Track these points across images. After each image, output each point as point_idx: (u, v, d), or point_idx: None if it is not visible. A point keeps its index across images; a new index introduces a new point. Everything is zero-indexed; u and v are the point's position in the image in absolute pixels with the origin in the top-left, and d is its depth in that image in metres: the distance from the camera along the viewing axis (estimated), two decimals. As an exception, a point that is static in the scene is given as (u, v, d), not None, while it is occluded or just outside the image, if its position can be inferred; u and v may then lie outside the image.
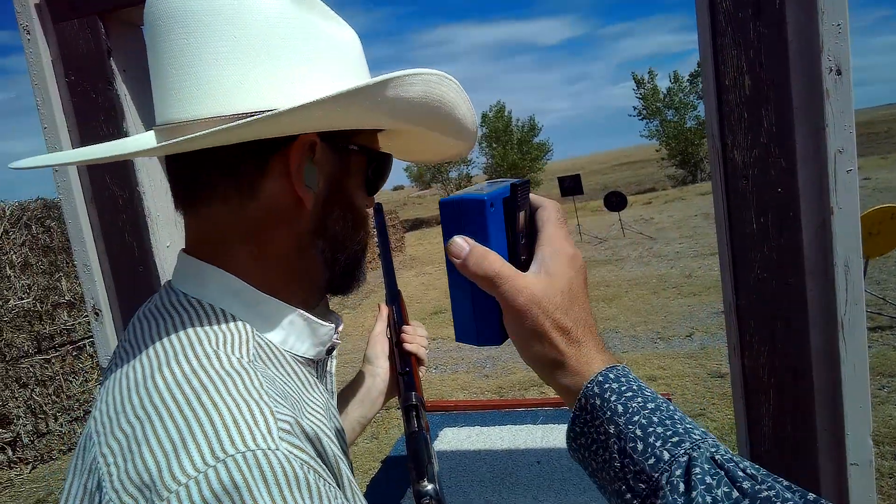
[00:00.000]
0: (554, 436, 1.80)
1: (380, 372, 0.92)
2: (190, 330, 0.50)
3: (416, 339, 0.90)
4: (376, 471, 1.74)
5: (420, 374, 0.89)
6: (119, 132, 1.06)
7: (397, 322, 0.93)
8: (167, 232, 1.13)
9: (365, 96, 0.48)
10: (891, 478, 2.72)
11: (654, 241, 9.84)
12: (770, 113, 0.81)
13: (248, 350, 0.50)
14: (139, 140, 0.63)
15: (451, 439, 1.87)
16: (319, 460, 0.45)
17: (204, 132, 0.46)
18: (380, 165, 0.62)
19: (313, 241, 0.58)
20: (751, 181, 0.83)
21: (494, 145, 28.79)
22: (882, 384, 3.65)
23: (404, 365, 0.88)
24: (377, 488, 1.59)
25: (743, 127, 0.83)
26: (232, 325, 0.52)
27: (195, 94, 0.50)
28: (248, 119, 0.46)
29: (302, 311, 0.58)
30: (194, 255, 0.56)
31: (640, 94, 27.80)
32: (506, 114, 29.20)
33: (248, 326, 0.53)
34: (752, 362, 0.88)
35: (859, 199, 0.81)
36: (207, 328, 0.50)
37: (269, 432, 0.42)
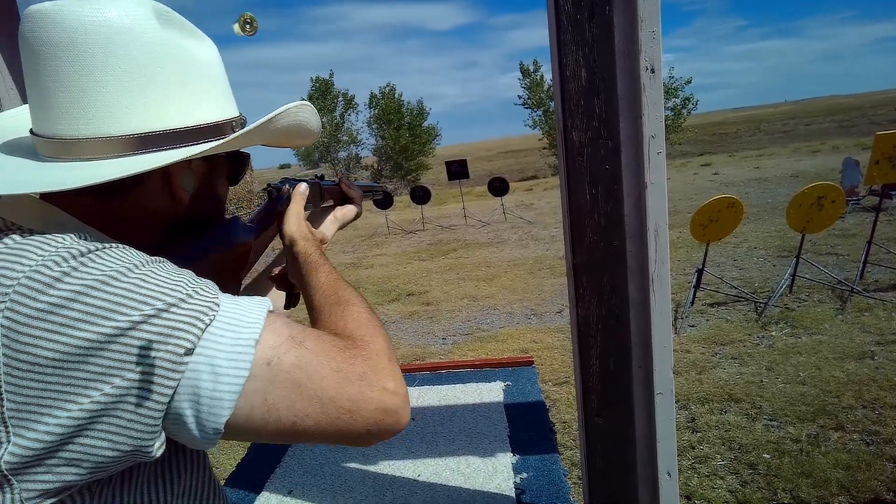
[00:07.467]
0: (428, 396, 1.94)
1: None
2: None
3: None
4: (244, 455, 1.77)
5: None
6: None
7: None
8: None
9: (253, 135, 0.60)
10: (716, 429, 3.16)
11: (533, 225, 10.39)
12: (601, 101, 0.97)
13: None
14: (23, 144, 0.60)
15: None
16: None
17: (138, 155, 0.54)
18: (240, 164, 0.72)
19: (176, 225, 0.64)
20: (585, 158, 0.99)
21: (385, 127, 28.60)
22: (715, 351, 4.19)
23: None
24: (243, 473, 1.61)
25: (580, 112, 0.98)
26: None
27: (88, 117, 0.54)
28: (186, 148, 0.56)
29: None
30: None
31: (526, 84, 28.81)
32: (396, 96, 29.07)
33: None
34: (585, 311, 1.05)
35: (703, 191, 0.99)
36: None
37: None
